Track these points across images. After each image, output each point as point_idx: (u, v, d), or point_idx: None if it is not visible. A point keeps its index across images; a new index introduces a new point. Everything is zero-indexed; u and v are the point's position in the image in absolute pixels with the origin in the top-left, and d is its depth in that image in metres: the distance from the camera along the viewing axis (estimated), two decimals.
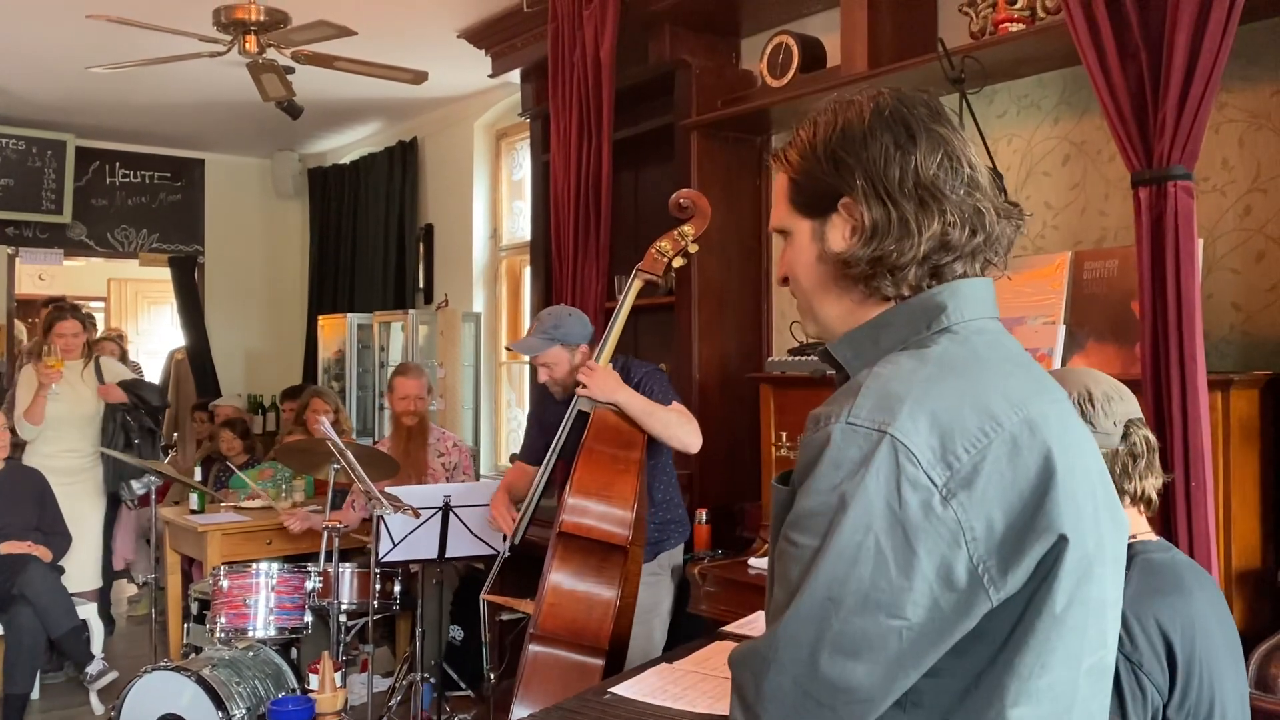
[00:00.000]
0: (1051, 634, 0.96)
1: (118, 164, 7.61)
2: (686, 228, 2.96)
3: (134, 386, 5.16)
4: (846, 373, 1.08)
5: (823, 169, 1.07)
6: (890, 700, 0.95)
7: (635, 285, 2.96)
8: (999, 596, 0.93)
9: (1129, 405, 1.66)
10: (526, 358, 3.22)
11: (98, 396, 5.14)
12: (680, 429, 2.91)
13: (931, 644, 0.93)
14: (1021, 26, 2.92)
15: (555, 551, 2.76)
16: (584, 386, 2.89)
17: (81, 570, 4.98)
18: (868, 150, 1.04)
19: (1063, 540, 0.94)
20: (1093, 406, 1.62)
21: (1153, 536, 1.67)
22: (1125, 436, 1.64)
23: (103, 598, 5.32)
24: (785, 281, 1.16)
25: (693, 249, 2.98)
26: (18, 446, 5.05)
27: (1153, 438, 1.67)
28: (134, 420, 5.17)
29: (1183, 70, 2.30)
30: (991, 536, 0.93)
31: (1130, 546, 1.62)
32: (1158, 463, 1.68)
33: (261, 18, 4.13)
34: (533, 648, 2.73)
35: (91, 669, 4.56)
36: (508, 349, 5.16)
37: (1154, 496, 1.67)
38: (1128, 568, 1.55)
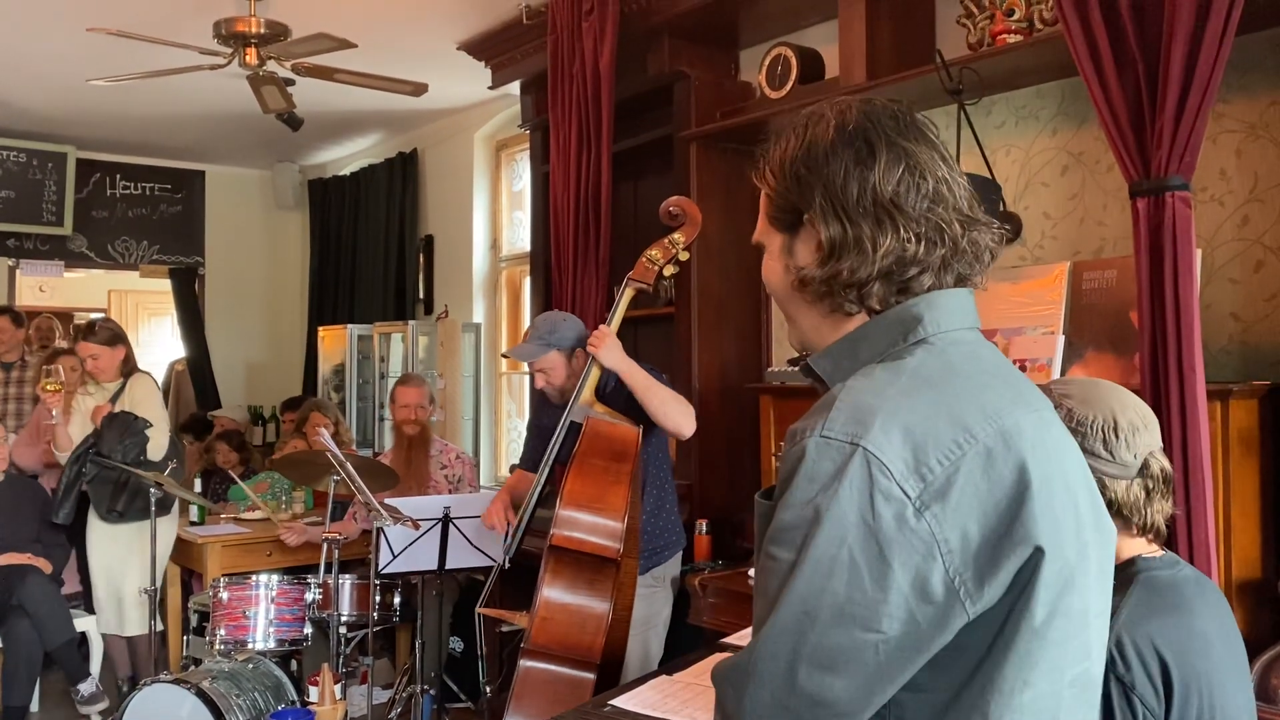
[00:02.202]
0: (1033, 647, 0.95)
1: (118, 176, 7.62)
2: (677, 235, 2.96)
3: (111, 424, 4.39)
4: (827, 386, 1.07)
5: (787, 186, 1.08)
6: (869, 713, 0.95)
7: (627, 294, 2.97)
8: (975, 610, 0.93)
9: (1152, 435, 1.60)
10: (525, 365, 3.22)
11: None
12: (676, 410, 2.93)
13: (909, 657, 0.93)
14: (1019, 38, 2.93)
15: (547, 565, 2.76)
16: (593, 346, 2.91)
17: (135, 610, 4.50)
18: (828, 167, 1.04)
19: (1039, 552, 0.94)
20: (1116, 437, 1.56)
21: (1158, 552, 1.62)
22: (1144, 469, 1.57)
23: None
24: None
25: (684, 257, 2.99)
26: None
27: (1169, 467, 1.62)
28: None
29: (1180, 81, 2.30)
30: (967, 549, 0.92)
31: (1133, 563, 1.58)
32: (1170, 493, 1.62)
33: (262, 30, 4.15)
34: (524, 662, 2.72)
35: (84, 688, 4.47)
36: (504, 356, 5.17)
37: (1163, 527, 1.61)
38: (1130, 586, 1.54)
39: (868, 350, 1.05)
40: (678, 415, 2.93)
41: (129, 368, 4.60)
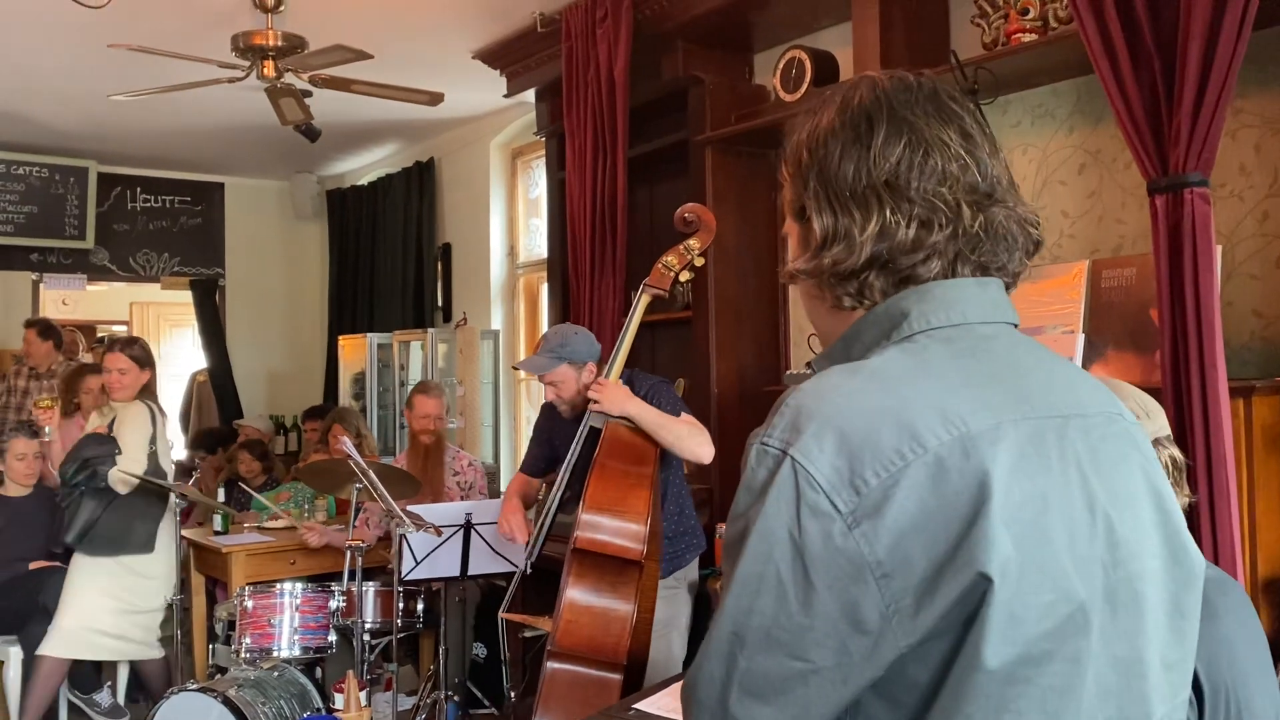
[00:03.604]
0: (998, 691, 0.81)
1: (139, 189, 7.70)
2: (692, 242, 2.97)
3: (83, 444, 4.14)
4: None
5: (792, 173, 1.01)
6: None
7: (643, 300, 2.98)
8: (906, 641, 0.81)
9: (1158, 422, 1.57)
10: (535, 376, 3.24)
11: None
12: (691, 440, 2.93)
13: (842, 691, 0.83)
14: (1034, 37, 2.92)
15: (571, 568, 2.77)
16: (596, 402, 2.91)
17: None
18: (825, 149, 0.96)
19: (983, 580, 0.80)
20: None
21: None
22: None
23: None
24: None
25: (699, 263, 3.00)
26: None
27: (1180, 456, 1.59)
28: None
29: (1196, 77, 2.29)
30: (909, 573, 0.81)
31: None
32: (1185, 482, 1.60)
33: (279, 43, 4.18)
34: (551, 665, 2.73)
35: (101, 700, 4.44)
36: (514, 368, 5.16)
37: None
38: None
39: (859, 350, 0.95)
40: (694, 446, 2.93)
41: (144, 395, 4.30)
